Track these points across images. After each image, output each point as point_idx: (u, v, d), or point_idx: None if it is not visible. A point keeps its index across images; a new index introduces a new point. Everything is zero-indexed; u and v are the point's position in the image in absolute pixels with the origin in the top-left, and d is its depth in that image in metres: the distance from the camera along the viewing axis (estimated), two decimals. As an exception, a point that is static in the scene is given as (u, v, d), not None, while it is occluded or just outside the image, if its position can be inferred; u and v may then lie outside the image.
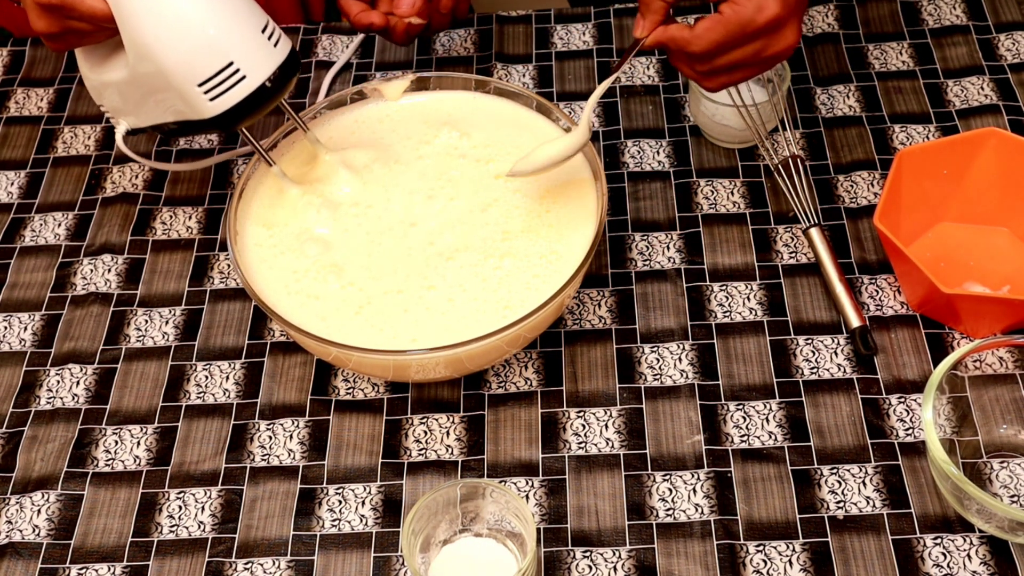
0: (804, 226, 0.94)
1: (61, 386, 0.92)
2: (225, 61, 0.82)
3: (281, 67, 0.84)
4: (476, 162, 0.94)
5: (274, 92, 0.84)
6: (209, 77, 0.82)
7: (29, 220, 1.03)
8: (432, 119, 0.97)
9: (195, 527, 0.84)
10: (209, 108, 0.83)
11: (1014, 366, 0.83)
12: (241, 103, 0.83)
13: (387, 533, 0.82)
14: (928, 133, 1.03)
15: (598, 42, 1.13)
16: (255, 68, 0.83)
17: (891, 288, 0.93)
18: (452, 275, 0.87)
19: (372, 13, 0.97)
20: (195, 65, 0.81)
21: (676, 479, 0.84)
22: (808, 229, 0.94)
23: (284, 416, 0.89)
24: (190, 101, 0.83)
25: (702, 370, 0.89)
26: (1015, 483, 0.82)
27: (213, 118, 0.84)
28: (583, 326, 0.92)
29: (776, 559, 0.79)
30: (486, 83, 0.97)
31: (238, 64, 0.82)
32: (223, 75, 0.82)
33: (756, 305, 0.93)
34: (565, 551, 0.81)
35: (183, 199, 1.04)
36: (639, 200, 1.00)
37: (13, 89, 1.15)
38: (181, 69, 0.82)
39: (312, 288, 0.87)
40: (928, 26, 1.12)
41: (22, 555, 0.83)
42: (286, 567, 0.81)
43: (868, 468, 0.83)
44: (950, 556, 0.79)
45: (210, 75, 0.82)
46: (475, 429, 0.87)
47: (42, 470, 0.87)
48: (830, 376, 0.88)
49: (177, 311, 0.96)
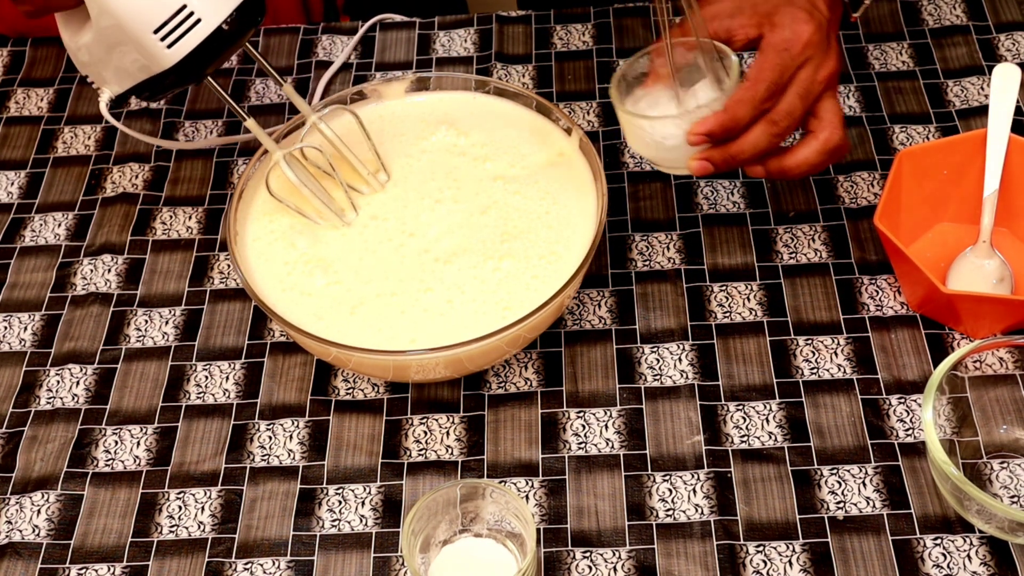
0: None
1: (61, 386, 0.92)
2: (177, 4, 0.81)
3: (239, 8, 0.83)
4: (474, 160, 0.94)
5: (233, 35, 0.83)
6: (163, 23, 0.81)
7: (29, 220, 1.03)
8: (432, 119, 0.97)
9: (195, 527, 0.84)
10: (167, 56, 0.82)
11: (1014, 366, 0.83)
12: (199, 48, 0.82)
13: (387, 533, 0.82)
14: (928, 133, 1.03)
15: (598, 42, 1.13)
16: (210, 10, 0.81)
17: (891, 288, 0.93)
18: (450, 278, 0.87)
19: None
20: (148, 11, 0.80)
21: (676, 479, 0.84)
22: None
23: (284, 416, 0.89)
24: (148, 51, 0.82)
25: (702, 370, 0.89)
26: (1015, 484, 0.82)
27: (174, 67, 0.82)
28: (583, 326, 0.92)
29: (776, 559, 0.79)
30: (486, 83, 0.97)
31: (191, 7, 0.81)
32: (177, 19, 0.81)
33: (756, 305, 0.93)
34: (565, 551, 0.81)
35: (183, 199, 1.04)
36: (639, 200, 1.00)
37: (13, 89, 1.15)
38: (135, 17, 0.81)
39: (302, 284, 0.87)
40: (928, 26, 1.12)
41: (22, 555, 0.83)
42: (286, 567, 0.81)
43: (868, 468, 0.83)
44: (950, 556, 0.79)
45: (163, 20, 0.81)
46: (475, 429, 0.87)
47: (42, 470, 0.87)
48: (830, 376, 0.88)
49: (177, 311, 0.96)
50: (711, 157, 0.83)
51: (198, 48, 0.82)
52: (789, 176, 0.86)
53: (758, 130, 0.82)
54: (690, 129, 0.82)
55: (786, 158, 0.85)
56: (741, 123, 0.82)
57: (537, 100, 0.95)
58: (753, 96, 0.81)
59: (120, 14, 0.81)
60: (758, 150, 0.83)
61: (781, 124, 0.82)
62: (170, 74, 0.83)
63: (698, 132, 0.81)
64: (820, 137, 0.84)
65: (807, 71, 0.82)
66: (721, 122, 0.81)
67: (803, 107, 0.83)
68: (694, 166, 0.84)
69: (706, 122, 0.81)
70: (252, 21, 0.84)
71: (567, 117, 0.93)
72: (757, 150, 0.83)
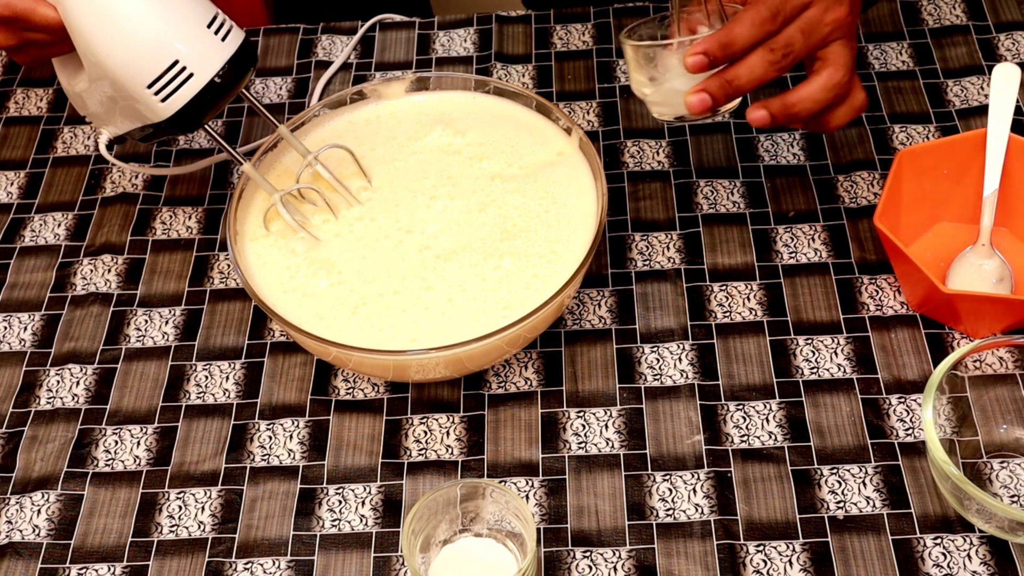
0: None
1: (61, 386, 0.92)
2: (169, 60, 0.81)
3: (231, 61, 0.84)
4: (470, 159, 0.94)
5: (226, 87, 0.84)
6: (156, 78, 0.82)
7: (29, 220, 1.03)
8: (431, 119, 0.97)
9: (195, 527, 0.84)
10: (162, 109, 0.83)
11: (1014, 366, 0.83)
12: (193, 101, 0.83)
13: (387, 533, 0.82)
14: (928, 133, 1.03)
15: (598, 42, 1.13)
16: (202, 65, 0.82)
17: (891, 288, 0.93)
18: (451, 276, 0.87)
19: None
20: (141, 67, 0.81)
21: (676, 479, 0.84)
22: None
23: (284, 416, 0.89)
24: (144, 103, 0.83)
25: (702, 370, 0.89)
26: (1015, 483, 0.82)
27: (170, 119, 0.83)
28: (583, 326, 0.92)
29: (776, 559, 0.79)
30: (485, 83, 0.97)
31: (184, 62, 0.82)
32: (169, 75, 0.82)
33: (756, 305, 0.93)
34: (565, 551, 0.81)
35: (183, 199, 1.04)
36: (639, 200, 1.00)
37: (13, 89, 1.15)
38: (128, 72, 0.82)
39: (303, 284, 0.87)
40: (928, 26, 1.12)
41: (22, 555, 0.83)
42: (286, 567, 0.81)
43: (868, 468, 0.83)
44: (950, 556, 0.79)
45: (156, 75, 0.82)
46: (475, 429, 0.87)
47: (42, 470, 0.87)
48: (830, 376, 0.88)
49: (177, 311, 0.96)
50: (708, 87, 0.82)
51: (192, 101, 0.83)
52: (793, 116, 0.84)
53: (755, 56, 0.81)
54: (687, 52, 0.81)
55: (789, 94, 0.84)
56: (738, 41, 0.80)
57: (537, 100, 0.95)
58: (753, 17, 0.80)
59: (114, 70, 0.82)
60: (754, 77, 0.82)
61: (778, 53, 0.81)
62: (168, 125, 0.84)
63: (696, 51, 0.80)
64: (823, 73, 0.83)
65: (814, 10, 0.82)
66: (718, 39, 0.80)
67: (804, 43, 0.82)
68: (692, 100, 0.83)
69: (704, 40, 0.81)
70: (244, 71, 0.85)
71: (567, 117, 0.93)
72: (753, 76, 0.82)
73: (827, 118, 0.86)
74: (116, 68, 0.82)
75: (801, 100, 0.83)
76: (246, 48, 0.85)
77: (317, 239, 0.89)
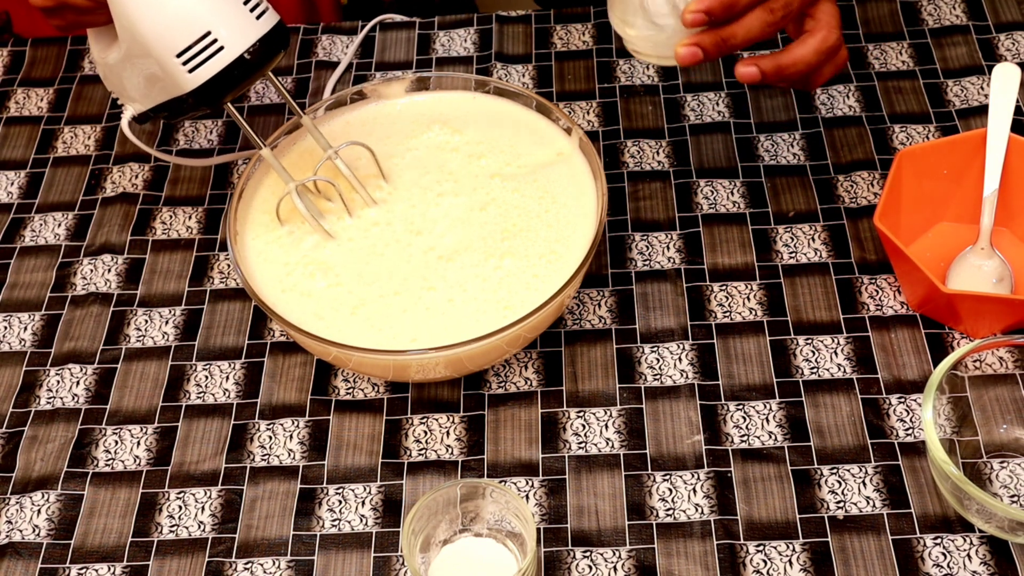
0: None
1: (61, 386, 0.92)
2: (202, 31, 0.81)
3: (263, 40, 0.83)
4: (468, 157, 0.94)
5: (255, 65, 0.84)
6: (187, 47, 0.81)
7: (29, 220, 1.03)
8: (431, 119, 0.97)
9: (195, 527, 0.84)
10: (188, 80, 0.82)
11: (1014, 366, 0.83)
12: (220, 75, 0.82)
13: (387, 533, 0.82)
14: (928, 133, 1.03)
15: (598, 42, 1.13)
16: (234, 39, 0.82)
17: (891, 288, 0.93)
18: (452, 276, 0.87)
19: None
20: (172, 35, 0.81)
21: (676, 479, 0.84)
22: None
23: (284, 416, 0.89)
24: (170, 73, 0.82)
25: (702, 370, 0.89)
26: (1015, 483, 0.82)
27: (194, 91, 0.83)
28: (583, 326, 0.92)
29: (776, 559, 0.79)
30: (486, 83, 0.97)
31: (216, 34, 0.81)
32: (200, 45, 0.81)
33: (756, 305, 0.93)
34: (565, 551, 0.81)
35: (183, 199, 1.04)
36: (639, 200, 1.00)
37: (13, 89, 1.15)
38: (159, 39, 0.81)
39: (303, 284, 0.87)
40: (928, 26, 1.12)
41: (22, 555, 0.83)
42: (286, 567, 0.81)
43: (868, 468, 0.83)
44: (950, 556, 0.79)
45: (187, 44, 0.81)
46: (475, 429, 0.87)
47: (42, 470, 0.87)
48: (830, 376, 0.88)
49: (177, 311, 0.96)
50: (702, 42, 0.81)
51: (219, 75, 0.82)
52: (784, 77, 0.84)
53: (754, 15, 0.81)
54: (688, 7, 0.80)
55: (782, 55, 0.84)
56: (742, 1, 0.80)
57: (537, 100, 0.95)
58: None
59: (146, 36, 0.81)
60: (750, 35, 0.81)
61: (777, 13, 0.81)
62: (189, 98, 0.84)
63: (697, 9, 0.79)
64: (817, 35, 0.84)
65: None
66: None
67: (800, 4, 0.82)
68: (682, 52, 0.81)
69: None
70: (274, 52, 0.85)
71: (567, 117, 0.93)
72: (750, 35, 0.81)
73: (814, 77, 0.86)
74: (148, 34, 0.81)
75: (795, 63, 0.84)
76: (279, 30, 0.85)
77: (331, 236, 0.89)
